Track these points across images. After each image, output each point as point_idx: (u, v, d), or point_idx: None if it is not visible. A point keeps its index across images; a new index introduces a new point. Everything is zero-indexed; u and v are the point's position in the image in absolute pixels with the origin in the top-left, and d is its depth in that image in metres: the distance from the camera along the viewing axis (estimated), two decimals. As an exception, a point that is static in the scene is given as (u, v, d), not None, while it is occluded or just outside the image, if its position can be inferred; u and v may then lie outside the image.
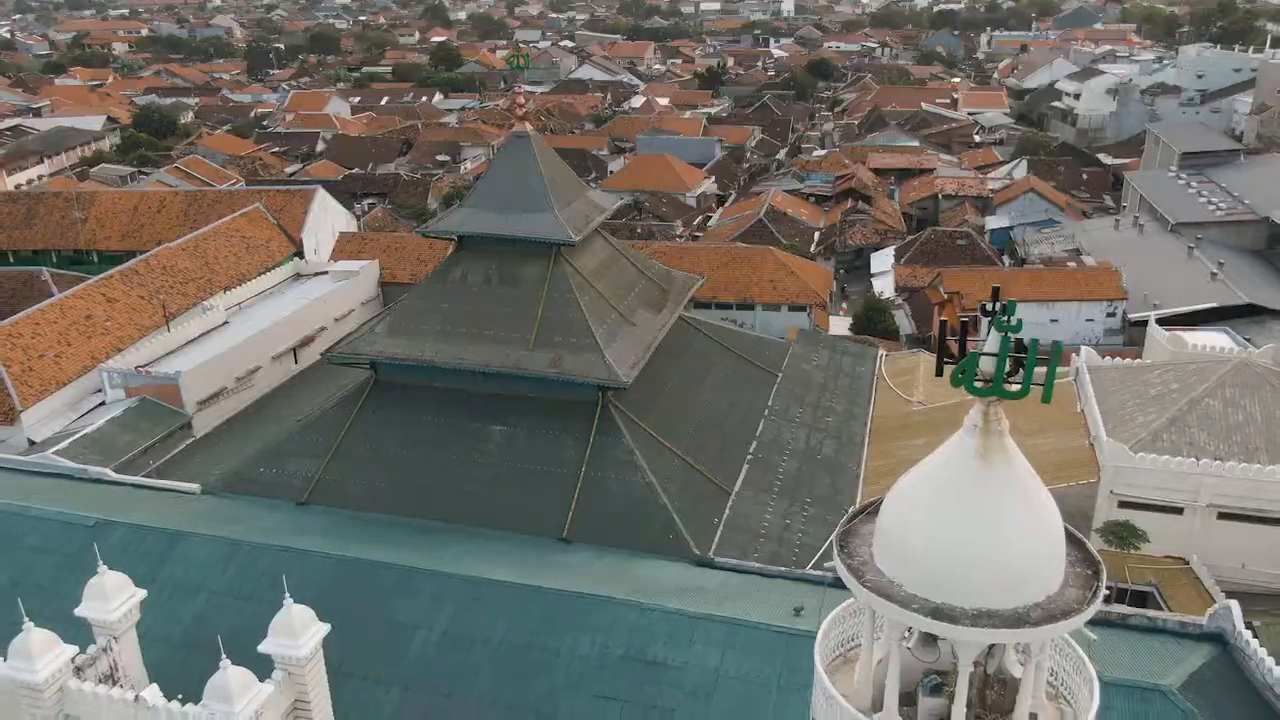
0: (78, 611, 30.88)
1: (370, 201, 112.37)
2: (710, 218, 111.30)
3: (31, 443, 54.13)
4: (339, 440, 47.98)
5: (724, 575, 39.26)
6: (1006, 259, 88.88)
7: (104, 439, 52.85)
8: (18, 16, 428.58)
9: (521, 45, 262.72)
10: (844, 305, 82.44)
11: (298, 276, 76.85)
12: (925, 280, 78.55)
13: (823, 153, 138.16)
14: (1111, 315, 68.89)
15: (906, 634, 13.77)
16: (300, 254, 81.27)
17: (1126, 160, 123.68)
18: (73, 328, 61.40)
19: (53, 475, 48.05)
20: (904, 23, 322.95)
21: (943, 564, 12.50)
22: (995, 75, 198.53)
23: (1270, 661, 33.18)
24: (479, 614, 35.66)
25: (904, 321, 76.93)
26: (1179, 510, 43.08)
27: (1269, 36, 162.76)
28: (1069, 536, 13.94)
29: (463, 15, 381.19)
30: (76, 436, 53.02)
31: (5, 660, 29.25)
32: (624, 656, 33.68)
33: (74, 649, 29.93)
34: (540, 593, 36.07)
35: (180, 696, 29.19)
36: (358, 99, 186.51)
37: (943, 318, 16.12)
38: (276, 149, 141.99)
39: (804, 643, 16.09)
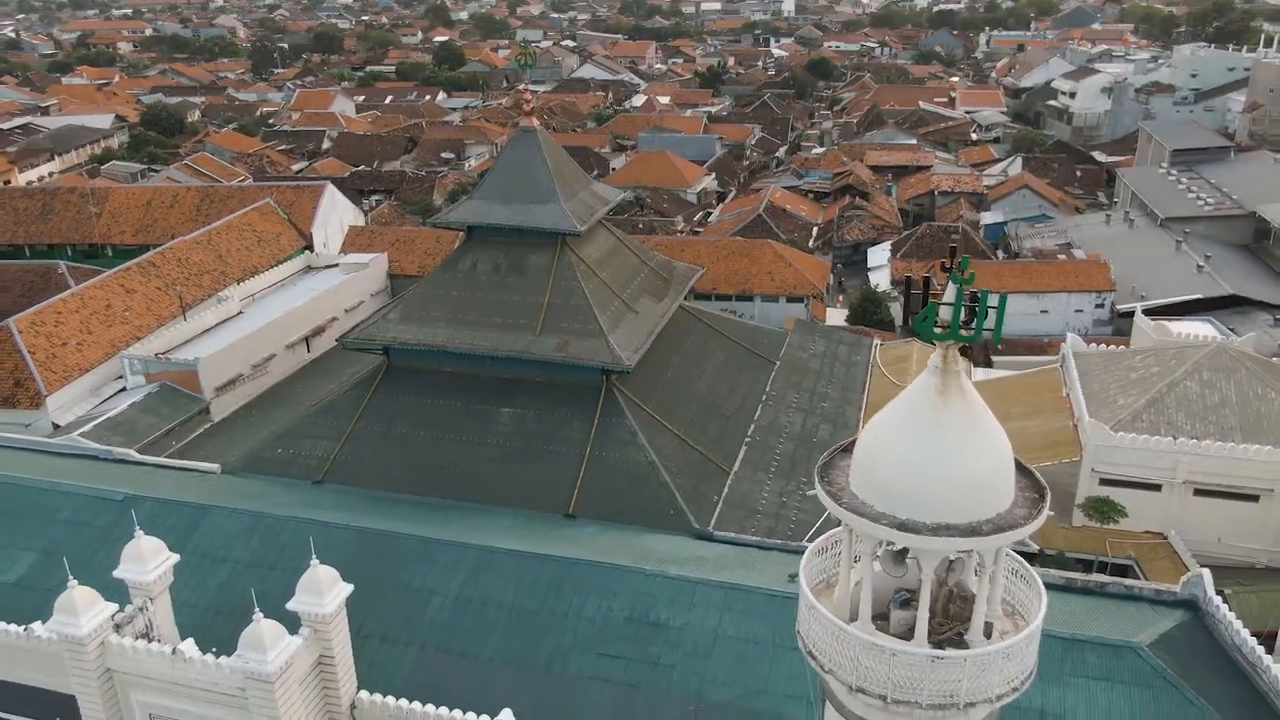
0: (116, 573, 32.92)
1: (377, 198, 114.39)
2: (711, 214, 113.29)
3: (56, 426, 56.15)
4: (354, 422, 50.05)
5: (722, 547, 41.24)
6: (1000, 253, 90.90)
7: (126, 422, 54.91)
8: (21, 16, 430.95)
9: (528, 45, 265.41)
10: (840, 298, 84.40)
11: (308, 269, 78.93)
12: (919, 274, 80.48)
13: (821, 150, 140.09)
14: (1100, 306, 70.91)
15: (878, 553, 15.74)
16: (310, 248, 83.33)
17: (1120, 158, 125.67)
18: (93, 317, 63.44)
19: (79, 456, 50.07)
20: (903, 23, 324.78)
21: (907, 485, 14.48)
22: (993, 75, 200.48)
23: (1239, 625, 35.23)
24: (491, 580, 37.68)
25: (899, 313, 78.88)
26: (1157, 487, 45.05)
27: (1262, 36, 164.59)
28: (1019, 467, 15.88)
29: (464, 15, 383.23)
30: (100, 420, 55.09)
31: (51, 618, 31.40)
32: (628, 618, 35.69)
33: (114, 607, 32.05)
34: (548, 560, 38.10)
35: (214, 649, 31.32)
36: (362, 98, 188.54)
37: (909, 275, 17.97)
38: (283, 147, 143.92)
39: (797, 605, 17.70)
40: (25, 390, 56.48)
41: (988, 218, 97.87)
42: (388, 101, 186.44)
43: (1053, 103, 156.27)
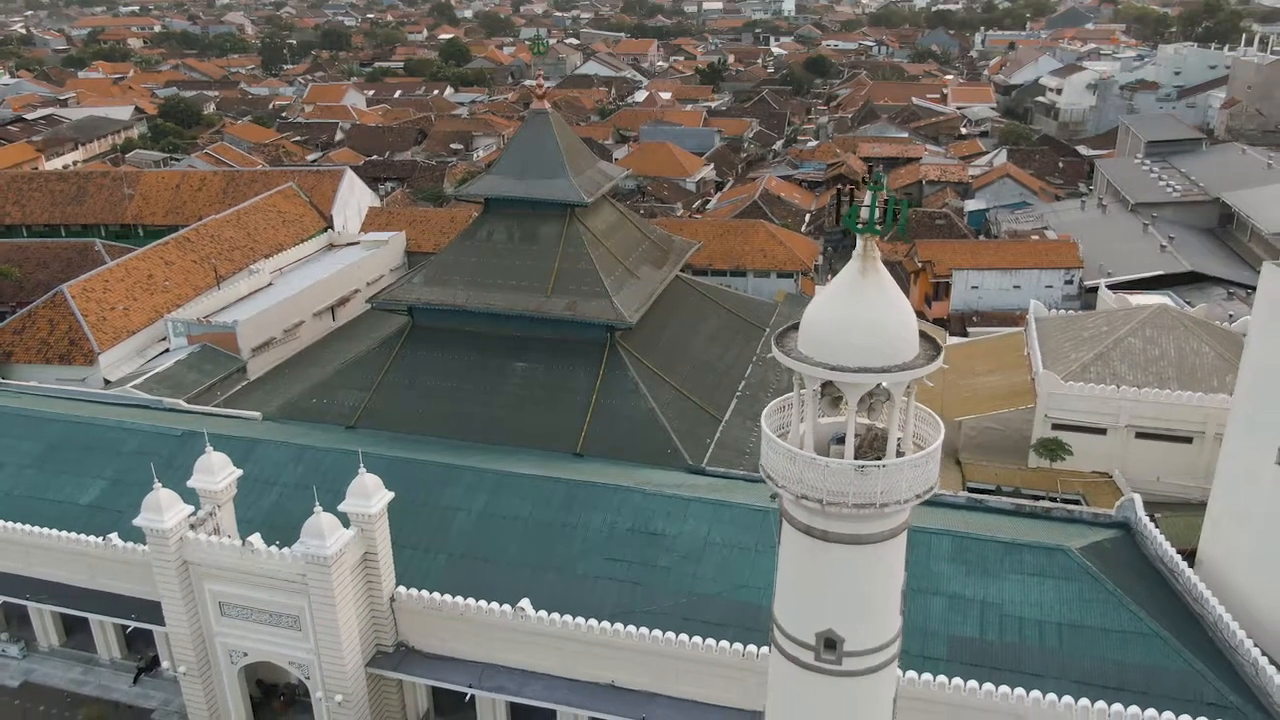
0: (189, 483, 38.36)
1: (390, 185, 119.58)
2: (709, 201, 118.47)
3: (107, 382, 61.45)
4: (382, 374, 55.38)
5: (713, 479, 46.51)
6: (982, 237, 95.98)
7: (173, 377, 60.33)
8: (30, 13, 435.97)
9: (540, 37, 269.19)
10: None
11: (331, 246, 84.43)
12: (906, 256, 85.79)
13: (816, 143, 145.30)
14: (1069, 283, 76.06)
15: (819, 399, 20.90)
16: (330, 228, 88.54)
17: (1103, 151, 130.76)
18: (137, 285, 68.81)
19: (134, 405, 55.40)
20: (901, 22, 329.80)
21: (838, 340, 19.58)
22: (985, 72, 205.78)
23: (1163, 539, 40.57)
24: (509, 499, 43.02)
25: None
26: (1103, 431, 50.29)
27: (1244, 35, 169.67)
28: (924, 336, 20.96)
29: (469, 13, 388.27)
30: (148, 375, 60.55)
31: (140, 516, 36.72)
32: (630, 529, 41.04)
33: (190, 508, 37.37)
34: (560, 482, 43.50)
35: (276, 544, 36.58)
36: (372, 92, 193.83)
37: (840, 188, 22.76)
38: (298, 138, 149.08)
39: (777, 518, 22.02)
40: (79, 349, 61.81)
41: (971, 205, 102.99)
42: (397, 96, 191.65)
43: (1040, 99, 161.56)
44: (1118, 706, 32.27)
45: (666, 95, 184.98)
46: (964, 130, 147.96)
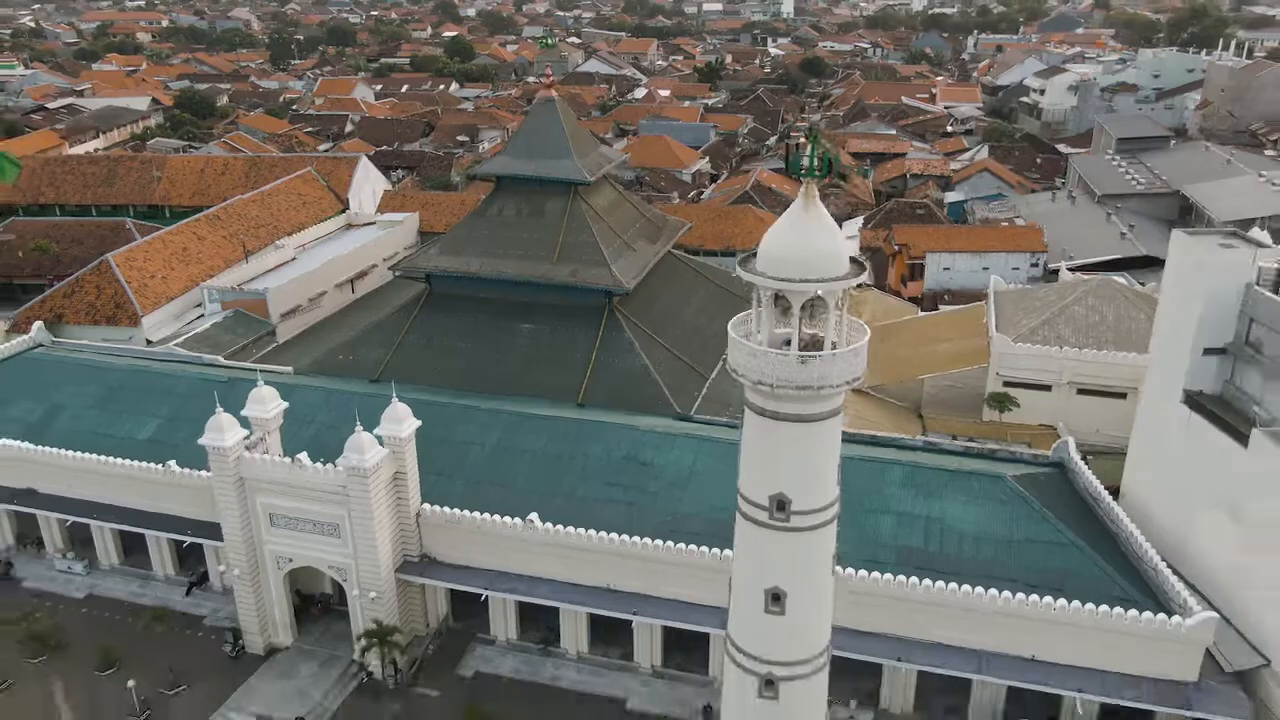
0: (243, 412, 44.18)
1: (400, 174, 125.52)
2: (704, 192, 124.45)
3: (149, 342, 67.29)
4: (402, 335, 61.27)
5: (698, 425, 52.38)
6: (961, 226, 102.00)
7: (210, 338, 66.27)
8: (37, 6, 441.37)
9: (551, 31, 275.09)
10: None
11: (349, 226, 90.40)
12: (885, 241, 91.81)
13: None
14: (1035, 265, 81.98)
15: (773, 306, 26.69)
16: (347, 210, 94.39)
17: (1081, 150, 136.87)
18: (174, 256, 74.71)
19: (177, 361, 61.25)
20: (898, 25, 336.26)
21: (785, 257, 25.41)
22: (974, 74, 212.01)
23: (1090, 474, 46.49)
24: (520, 434, 48.98)
25: (865, 277, 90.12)
26: (1048, 388, 56.31)
27: (1221, 40, 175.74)
28: (853, 260, 26.79)
29: (472, 12, 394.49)
30: (188, 335, 66.49)
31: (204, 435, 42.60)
32: (624, 459, 46.99)
33: (245, 431, 43.26)
34: (564, 420, 49.54)
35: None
36: (379, 86, 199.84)
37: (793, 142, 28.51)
38: (309, 129, 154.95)
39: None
40: (124, 311, 67.69)
41: (951, 196, 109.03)
42: (404, 90, 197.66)
43: (1024, 100, 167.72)
44: (1034, 597, 38.24)
45: (665, 93, 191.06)
46: (950, 128, 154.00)
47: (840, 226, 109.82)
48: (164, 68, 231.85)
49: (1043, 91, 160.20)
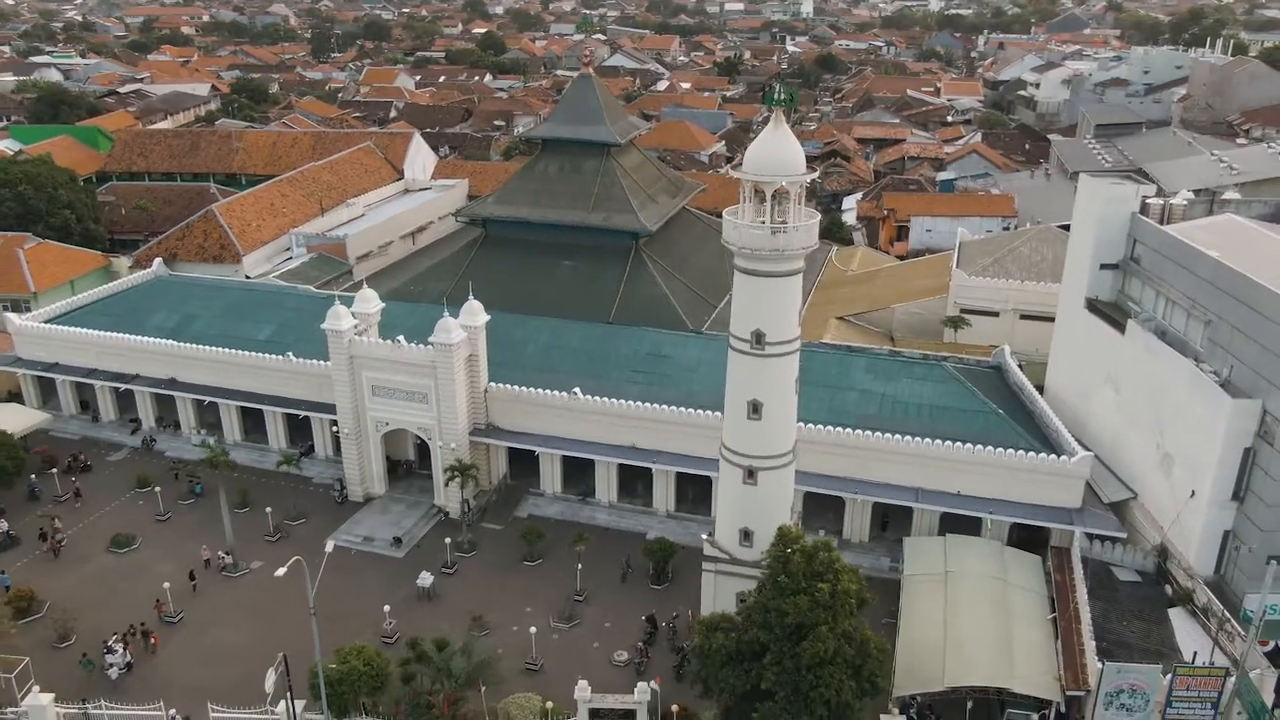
0: (352, 308, 56.79)
1: (444, 151, 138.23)
2: (720, 171, 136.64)
3: (248, 277, 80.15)
4: (462, 270, 73.79)
5: (706, 336, 64.67)
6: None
7: (300, 273, 79.10)
8: (79, 1, 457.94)
9: (589, 20, 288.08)
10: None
11: (407, 191, 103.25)
12: (878, 212, 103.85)
13: (816, 125, 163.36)
14: (1006, 229, 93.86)
15: (754, 194, 38.78)
16: (403, 178, 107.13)
17: (1070, 139, 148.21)
18: (264, 210, 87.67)
19: (276, 290, 74.02)
20: (913, 25, 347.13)
21: (763, 162, 37.54)
22: (980, 70, 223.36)
23: (1020, 373, 58.37)
24: (564, 335, 61.47)
25: (859, 239, 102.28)
26: (996, 314, 68.27)
27: (1208, 39, 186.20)
28: (809, 164, 38.87)
29: (500, 9, 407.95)
30: (281, 271, 79.33)
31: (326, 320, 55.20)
32: (648, 354, 59.42)
33: (354, 320, 55.88)
34: (598, 325, 62.08)
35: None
36: (419, 77, 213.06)
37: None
38: (357, 114, 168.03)
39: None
40: (229, 251, 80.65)
41: (943, 175, 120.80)
42: (441, 80, 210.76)
43: (1022, 93, 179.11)
44: (960, 445, 50.30)
45: (686, 85, 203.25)
46: (950, 118, 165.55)
47: (842, 201, 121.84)
48: (214, 59, 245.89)
49: (1038, 85, 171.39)
